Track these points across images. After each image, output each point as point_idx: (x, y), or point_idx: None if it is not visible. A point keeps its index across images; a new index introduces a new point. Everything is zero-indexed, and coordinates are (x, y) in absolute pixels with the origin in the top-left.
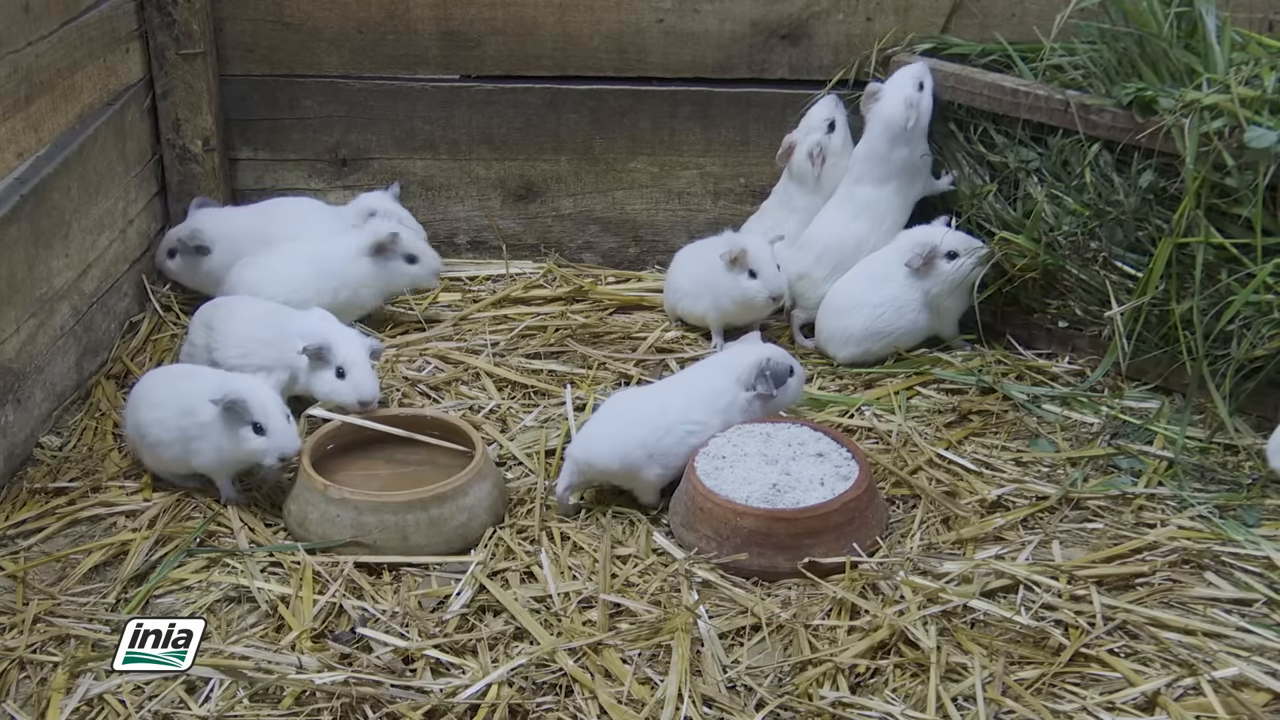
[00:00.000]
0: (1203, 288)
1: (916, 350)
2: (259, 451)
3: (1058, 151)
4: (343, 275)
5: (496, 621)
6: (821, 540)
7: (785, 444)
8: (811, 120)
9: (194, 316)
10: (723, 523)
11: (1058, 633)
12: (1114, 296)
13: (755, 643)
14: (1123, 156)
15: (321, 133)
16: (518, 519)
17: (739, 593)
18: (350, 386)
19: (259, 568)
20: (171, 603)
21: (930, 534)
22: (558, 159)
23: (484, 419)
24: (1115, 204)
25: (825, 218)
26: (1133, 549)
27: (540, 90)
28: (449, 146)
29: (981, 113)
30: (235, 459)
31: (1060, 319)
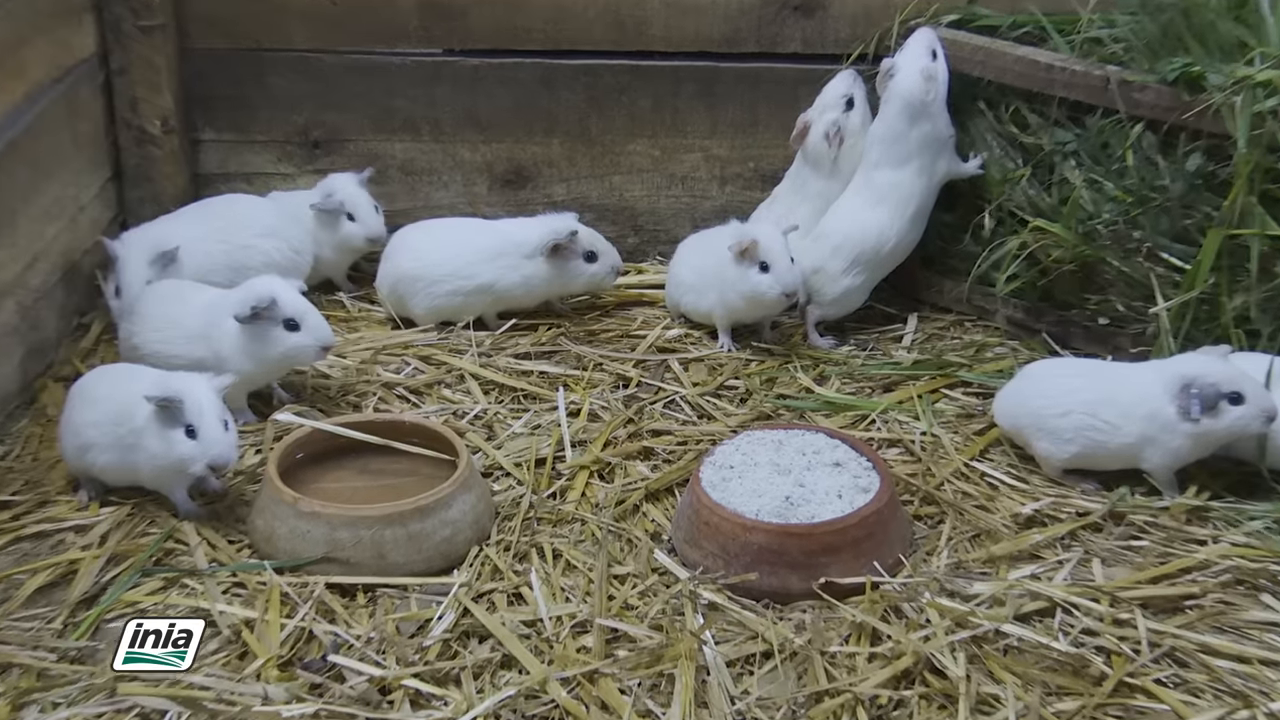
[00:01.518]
0: (1259, 282)
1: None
2: (186, 458)
3: (1097, 133)
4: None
5: (482, 648)
6: (839, 558)
7: (799, 452)
8: (827, 98)
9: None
10: (730, 539)
11: (1099, 660)
12: (1159, 291)
13: (766, 671)
14: (1168, 138)
15: (291, 112)
16: (505, 535)
17: (748, 616)
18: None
19: (221, 589)
20: (124, 628)
21: (959, 551)
22: (550, 141)
23: (469, 425)
24: (1160, 190)
25: (843, 206)
26: (1182, 568)
27: (531, 66)
28: (431, 127)
29: (1013, 90)
30: (168, 467)
31: (1100, 315)
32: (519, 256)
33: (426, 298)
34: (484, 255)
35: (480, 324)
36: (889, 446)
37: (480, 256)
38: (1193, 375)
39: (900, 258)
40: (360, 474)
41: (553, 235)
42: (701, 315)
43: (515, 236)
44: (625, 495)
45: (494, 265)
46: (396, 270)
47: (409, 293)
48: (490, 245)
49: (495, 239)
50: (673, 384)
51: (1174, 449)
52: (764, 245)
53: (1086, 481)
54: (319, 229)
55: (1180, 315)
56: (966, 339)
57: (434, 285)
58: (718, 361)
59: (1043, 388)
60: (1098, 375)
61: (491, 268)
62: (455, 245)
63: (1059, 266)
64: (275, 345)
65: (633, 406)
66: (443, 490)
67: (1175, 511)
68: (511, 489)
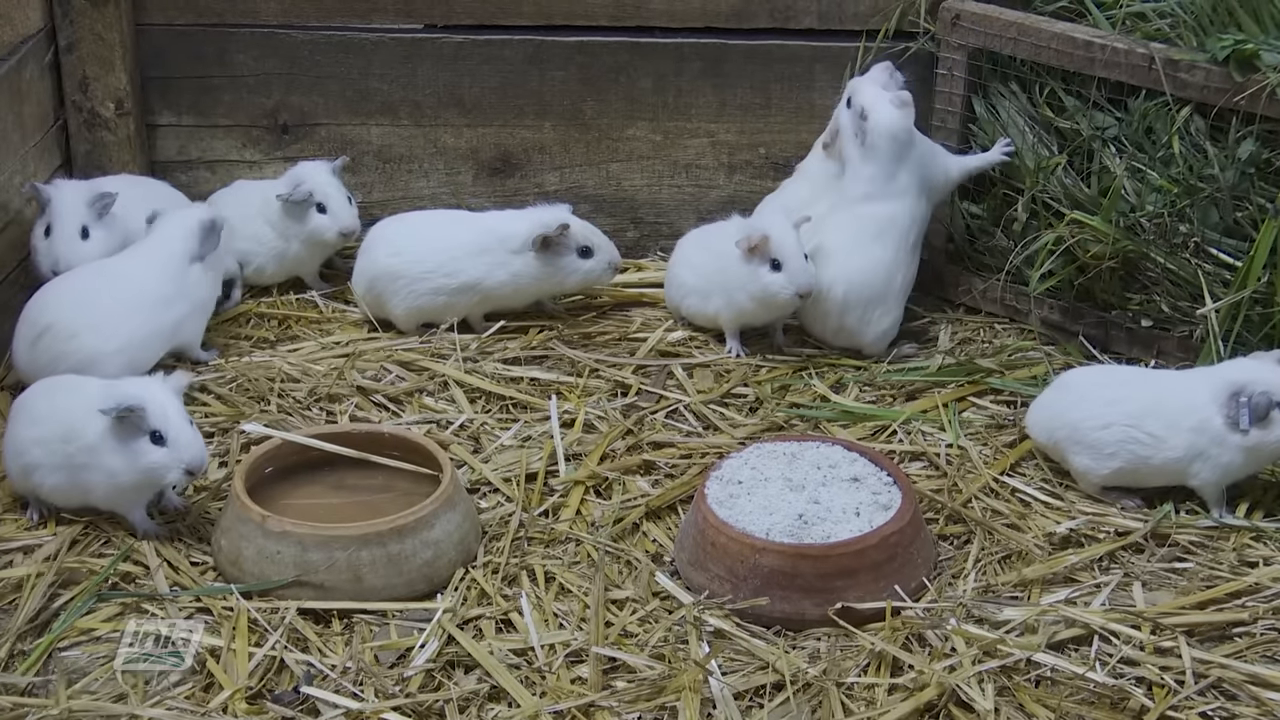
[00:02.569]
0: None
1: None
2: (160, 466)
3: (1140, 116)
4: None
5: (468, 679)
6: (857, 581)
7: (814, 466)
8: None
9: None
10: (739, 560)
11: (1139, 692)
12: (1208, 290)
13: (778, 704)
14: (1218, 122)
15: (258, 94)
16: (493, 556)
17: (758, 644)
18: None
19: (184, 615)
20: (77, 657)
21: (987, 574)
22: (541, 125)
23: (453, 437)
24: (1209, 179)
25: (835, 249)
26: (1230, 592)
27: (520, 43)
28: (411, 110)
29: (1049, 70)
30: (135, 483)
31: (1143, 317)
32: (506, 252)
33: (407, 297)
34: (469, 250)
35: (465, 326)
36: (912, 460)
37: (465, 252)
38: (1242, 382)
39: (912, 283)
40: (335, 490)
41: (541, 228)
42: (707, 319)
43: (501, 230)
44: (624, 513)
45: (479, 261)
46: (374, 267)
47: (387, 292)
48: (475, 240)
49: (480, 233)
50: (676, 392)
51: (1224, 464)
52: (775, 240)
53: (1128, 498)
54: (287, 222)
55: (1231, 317)
56: (998, 342)
57: (415, 284)
58: (725, 368)
59: (1081, 398)
60: (1141, 384)
61: (477, 264)
62: (437, 240)
63: (1098, 263)
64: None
65: (632, 416)
66: (425, 508)
67: (1225, 532)
68: (500, 506)
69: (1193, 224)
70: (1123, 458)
